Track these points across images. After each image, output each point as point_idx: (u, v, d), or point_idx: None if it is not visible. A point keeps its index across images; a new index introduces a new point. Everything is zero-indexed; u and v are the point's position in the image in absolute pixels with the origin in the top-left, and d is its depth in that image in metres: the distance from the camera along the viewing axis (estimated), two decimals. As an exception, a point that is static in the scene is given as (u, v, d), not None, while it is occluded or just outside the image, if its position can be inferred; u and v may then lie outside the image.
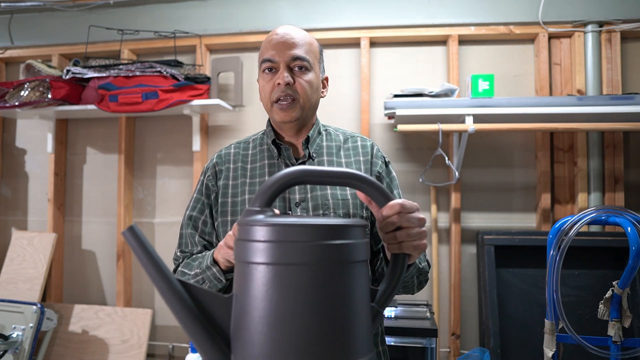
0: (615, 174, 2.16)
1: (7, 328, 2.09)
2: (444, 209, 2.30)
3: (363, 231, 0.59)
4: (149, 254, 0.54)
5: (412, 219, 0.69)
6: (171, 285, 0.54)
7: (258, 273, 0.53)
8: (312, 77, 1.03)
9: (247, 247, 0.54)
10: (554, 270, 1.49)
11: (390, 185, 1.10)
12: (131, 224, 0.54)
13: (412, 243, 0.69)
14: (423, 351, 1.81)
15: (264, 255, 0.53)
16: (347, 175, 0.61)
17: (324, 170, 0.61)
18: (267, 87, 1.02)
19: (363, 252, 0.57)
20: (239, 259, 0.56)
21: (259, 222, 0.54)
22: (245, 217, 0.57)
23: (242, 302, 0.54)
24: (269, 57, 1.01)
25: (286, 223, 0.53)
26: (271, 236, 0.53)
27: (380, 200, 0.66)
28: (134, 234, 0.54)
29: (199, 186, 1.10)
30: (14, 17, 2.64)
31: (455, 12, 2.28)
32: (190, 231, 1.07)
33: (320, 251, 0.53)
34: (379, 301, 0.64)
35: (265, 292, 0.52)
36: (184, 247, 1.08)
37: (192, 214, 1.08)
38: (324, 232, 0.53)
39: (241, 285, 0.55)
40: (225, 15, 2.44)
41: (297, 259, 0.52)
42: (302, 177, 0.59)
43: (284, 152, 1.06)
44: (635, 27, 2.15)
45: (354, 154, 1.09)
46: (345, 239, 0.55)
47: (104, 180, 2.60)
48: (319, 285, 0.53)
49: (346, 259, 0.55)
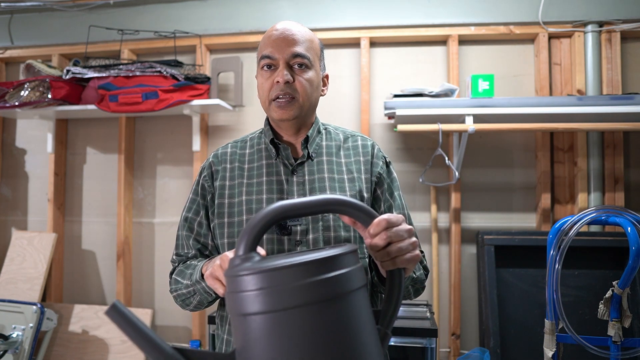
0: (615, 174, 2.16)
1: (7, 328, 2.09)
2: (444, 209, 2.30)
3: (355, 256, 0.56)
4: (137, 329, 0.51)
5: (400, 231, 0.67)
6: (166, 356, 0.51)
7: (255, 324, 0.50)
8: (312, 75, 1.01)
9: (240, 298, 0.51)
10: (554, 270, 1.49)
11: (390, 186, 1.07)
12: (113, 302, 0.52)
13: (405, 256, 0.67)
14: (423, 351, 1.81)
15: (258, 305, 0.50)
16: (327, 201, 0.59)
17: (303, 202, 0.57)
18: (266, 84, 1.00)
19: (359, 279, 0.55)
20: (233, 312, 0.53)
21: (245, 272, 0.51)
22: (232, 267, 0.54)
23: (245, 356, 0.51)
24: (268, 54, 0.98)
25: (275, 267, 0.50)
26: (262, 283, 0.50)
27: (365, 220, 0.64)
28: (117, 312, 0.51)
29: (195, 186, 1.08)
30: (14, 17, 2.63)
31: (455, 12, 2.28)
32: (186, 233, 1.06)
33: (315, 289, 0.50)
34: (384, 322, 0.62)
35: (267, 342, 0.49)
36: (179, 250, 1.07)
37: (187, 215, 1.06)
38: (315, 268, 0.51)
39: (241, 339, 0.52)
40: (225, 15, 2.44)
41: (292, 302, 0.49)
42: (281, 215, 0.56)
43: (282, 152, 1.04)
44: (635, 27, 2.15)
45: (354, 153, 1.07)
46: (337, 270, 0.52)
47: (104, 180, 2.60)
48: (321, 324, 0.50)
49: (343, 290, 0.52)
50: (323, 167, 1.04)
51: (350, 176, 1.03)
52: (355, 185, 1.02)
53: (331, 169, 1.04)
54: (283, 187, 1.01)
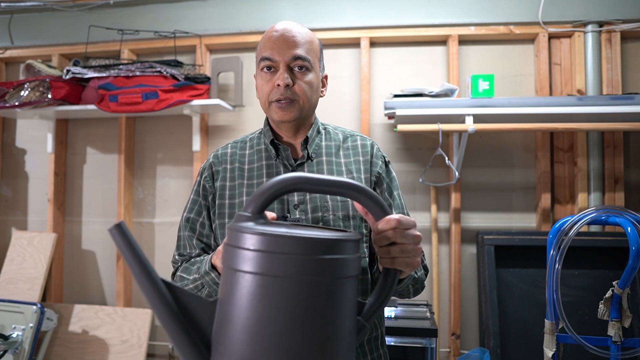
0: (615, 174, 2.16)
1: (7, 328, 2.09)
2: (444, 209, 2.30)
3: (356, 245, 0.57)
4: (134, 252, 0.53)
5: (407, 235, 0.67)
6: (155, 285, 0.53)
7: (244, 281, 0.52)
8: (313, 78, 1.00)
9: (235, 253, 0.53)
10: (553, 270, 1.49)
11: (390, 186, 1.07)
12: (125, 221, 0.53)
13: (405, 260, 0.67)
14: (423, 351, 1.81)
15: (251, 265, 0.52)
16: (344, 185, 0.60)
17: (321, 178, 0.59)
18: (266, 87, 0.99)
19: (354, 268, 0.56)
20: (227, 264, 0.54)
21: (248, 230, 0.53)
22: (236, 222, 0.55)
23: (226, 309, 0.53)
24: (268, 56, 0.98)
25: (276, 234, 0.52)
26: (260, 246, 0.52)
27: (377, 213, 0.64)
28: (121, 232, 0.52)
29: (196, 187, 1.08)
30: (14, 17, 2.64)
31: (455, 12, 2.28)
32: (188, 233, 1.05)
33: (308, 266, 0.51)
34: (365, 315, 0.63)
35: (249, 301, 0.51)
36: (182, 250, 1.06)
37: (189, 215, 1.06)
38: (315, 247, 0.52)
39: (226, 291, 0.54)
40: (225, 15, 2.44)
41: (285, 271, 0.51)
42: (297, 185, 0.57)
43: (282, 153, 1.03)
44: (635, 27, 2.15)
45: (354, 153, 1.06)
46: (336, 254, 0.53)
47: (104, 180, 2.60)
48: (304, 300, 0.51)
49: (335, 275, 0.53)
50: (323, 167, 1.04)
51: (350, 176, 1.03)
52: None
53: (331, 169, 1.04)
54: None
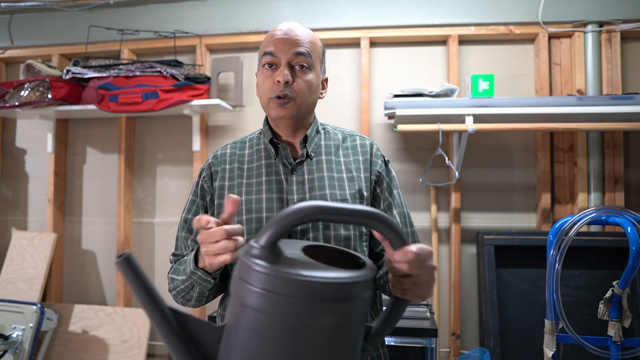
0: (615, 174, 2.16)
1: (7, 328, 2.09)
2: (444, 209, 2.29)
3: (369, 284, 0.56)
4: (142, 283, 0.52)
5: (423, 267, 0.66)
6: (162, 314, 0.53)
7: (250, 316, 0.52)
8: (312, 77, 1.01)
9: (244, 288, 0.53)
10: (554, 270, 1.49)
11: (390, 185, 1.08)
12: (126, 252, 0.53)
13: (417, 292, 0.66)
14: (423, 351, 1.80)
15: (257, 302, 0.51)
16: (365, 214, 0.57)
17: (339, 207, 0.56)
18: (266, 83, 1.00)
19: (362, 309, 0.55)
20: (235, 295, 0.54)
21: (256, 268, 0.52)
22: (247, 253, 0.54)
23: (231, 336, 0.54)
24: (271, 51, 0.99)
25: (283, 276, 0.50)
26: (266, 286, 0.51)
27: (395, 242, 0.62)
28: (128, 264, 0.52)
29: (195, 187, 1.09)
30: (14, 17, 2.63)
31: (455, 12, 2.28)
32: (184, 234, 1.06)
33: (315, 311, 0.50)
34: (370, 339, 0.62)
35: (252, 336, 0.51)
36: (177, 250, 1.07)
37: (187, 216, 1.06)
38: (322, 291, 0.50)
39: (233, 319, 0.54)
40: (225, 15, 2.44)
41: (289, 313, 0.50)
42: (314, 215, 0.55)
43: (282, 152, 1.04)
44: (635, 27, 2.15)
45: (353, 152, 1.07)
46: (343, 300, 0.52)
47: (104, 180, 2.60)
48: (311, 341, 0.51)
49: (342, 319, 0.53)
50: (322, 166, 1.04)
51: (350, 175, 1.04)
52: (354, 184, 1.03)
53: (330, 168, 1.04)
54: (283, 187, 1.02)
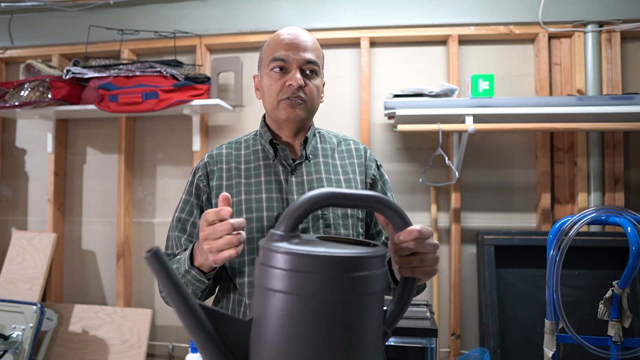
0: (615, 174, 2.16)
1: (7, 328, 2.09)
2: (444, 209, 2.29)
3: (382, 260, 0.59)
4: (172, 279, 0.54)
5: (427, 245, 0.69)
6: (192, 311, 0.54)
7: (276, 300, 0.54)
8: (319, 82, 1.06)
9: (269, 273, 0.55)
10: (554, 270, 1.49)
11: (384, 187, 1.12)
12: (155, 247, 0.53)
13: (425, 269, 0.69)
14: (423, 351, 1.80)
15: (282, 283, 0.54)
16: (371, 198, 0.61)
17: (349, 193, 0.60)
18: (275, 86, 1.02)
19: (381, 283, 0.58)
20: (260, 284, 0.56)
21: (278, 249, 0.54)
22: (269, 240, 0.57)
23: (260, 327, 0.55)
24: (281, 57, 1.01)
25: (306, 253, 0.53)
26: (289, 265, 0.53)
27: (399, 224, 0.66)
28: (157, 259, 0.53)
29: (189, 187, 1.09)
30: (14, 17, 2.63)
31: (455, 12, 2.28)
32: (177, 234, 1.06)
33: (337, 284, 0.53)
34: (387, 322, 0.65)
35: (281, 319, 0.53)
36: (167, 250, 1.07)
37: (180, 215, 1.06)
38: (343, 264, 0.54)
39: (260, 309, 0.56)
40: (225, 15, 2.44)
41: (313, 290, 0.53)
42: (329, 200, 0.58)
43: (281, 153, 1.06)
44: (635, 27, 2.15)
45: (348, 156, 1.11)
46: (365, 271, 0.55)
47: (104, 180, 2.60)
48: (333, 317, 0.54)
49: (364, 291, 0.55)
50: (320, 167, 1.07)
51: (346, 177, 1.07)
52: (350, 186, 1.06)
53: (328, 169, 1.07)
54: (282, 187, 1.03)
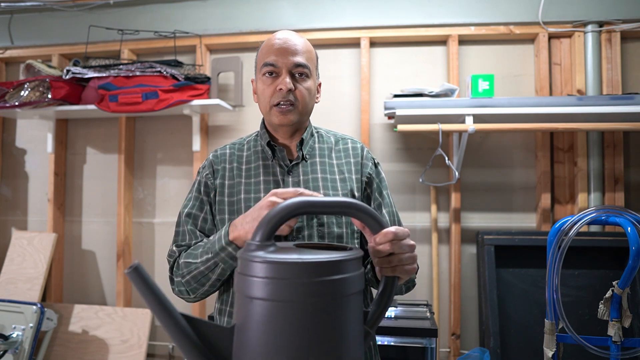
0: (615, 174, 2.16)
1: (7, 328, 2.09)
2: (444, 209, 2.29)
3: (358, 262, 0.61)
4: (153, 293, 0.56)
5: (403, 246, 0.72)
6: (175, 321, 0.56)
7: (256, 307, 0.56)
8: (311, 84, 1.07)
9: (248, 282, 0.57)
10: (554, 270, 1.49)
11: (380, 186, 1.13)
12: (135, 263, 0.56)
13: (404, 267, 0.73)
14: (423, 351, 1.80)
15: (262, 291, 0.55)
16: (344, 204, 0.64)
17: (322, 200, 0.63)
18: (268, 91, 1.05)
19: (357, 284, 0.60)
20: (240, 292, 0.58)
21: (257, 259, 0.56)
22: (246, 251, 0.59)
23: (242, 334, 0.57)
24: (271, 62, 1.03)
25: (282, 261, 0.55)
26: (268, 273, 0.55)
27: (374, 227, 0.68)
28: (138, 274, 0.55)
29: (196, 185, 1.11)
30: (14, 17, 2.63)
31: (455, 12, 2.28)
32: (190, 228, 1.07)
33: (314, 288, 0.55)
34: (369, 322, 0.67)
35: (262, 326, 0.55)
36: (180, 242, 1.07)
37: (190, 211, 1.08)
38: (318, 270, 0.56)
39: (242, 317, 0.57)
40: (225, 15, 2.44)
41: (292, 296, 0.55)
42: (300, 209, 0.61)
43: (278, 154, 1.08)
44: (635, 27, 2.15)
45: (345, 155, 1.13)
46: (339, 274, 0.57)
47: (104, 180, 2.60)
48: (313, 321, 0.55)
49: (341, 293, 0.57)
50: (316, 167, 1.09)
51: (342, 176, 1.09)
52: (346, 185, 1.07)
53: (324, 169, 1.09)
54: (279, 187, 1.05)
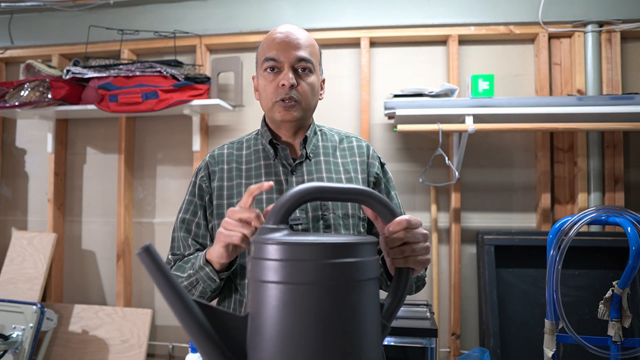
0: (615, 174, 2.16)
1: (7, 328, 2.09)
2: (444, 209, 2.29)
3: (373, 248, 0.59)
4: (165, 275, 0.54)
5: (417, 234, 0.69)
6: (187, 307, 0.54)
7: (271, 291, 0.54)
8: (314, 80, 1.02)
9: (261, 265, 0.55)
10: (554, 270, 1.49)
11: (387, 186, 1.10)
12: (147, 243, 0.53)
13: (417, 258, 0.70)
14: (423, 351, 1.80)
15: (277, 274, 0.53)
16: (358, 191, 0.63)
17: (336, 186, 0.61)
18: (270, 87, 1.01)
19: (373, 270, 0.58)
20: (253, 277, 0.56)
21: (269, 241, 0.54)
22: (260, 234, 0.57)
23: (256, 321, 0.55)
24: (273, 56, 0.99)
25: (297, 242, 0.54)
26: (281, 255, 0.53)
27: (387, 216, 0.66)
28: (149, 255, 0.53)
29: (192, 188, 1.08)
30: (14, 17, 2.63)
31: (455, 12, 2.28)
32: (183, 234, 1.05)
33: (330, 270, 0.53)
34: (385, 315, 0.65)
35: (277, 310, 0.53)
36: (175, 250, 1.06)
37: (184, 216, 1.05)
38: (335, 251, 0.54)
39: (255, 303, 0.55)
40: (225, 15, 2.44)
41: (308, 278, 0.53)
42: (315, 194, 0.59)
43: (281, 152, 1.04)
44: (635, 27, 2.15)
45: (350, 154, 1.09)
46: (355, 257, 0.55)
47: (104, 180, 2.60)
48: (329, 304, 0.53)
49: (356, 277, 0.55)
50: (321, 166, 1.05)
51: (348, 176, 1.05)
52: (352, 184, 1.03)
53: (329, 168, 1.05)
54: (282, 187, 1.02)
